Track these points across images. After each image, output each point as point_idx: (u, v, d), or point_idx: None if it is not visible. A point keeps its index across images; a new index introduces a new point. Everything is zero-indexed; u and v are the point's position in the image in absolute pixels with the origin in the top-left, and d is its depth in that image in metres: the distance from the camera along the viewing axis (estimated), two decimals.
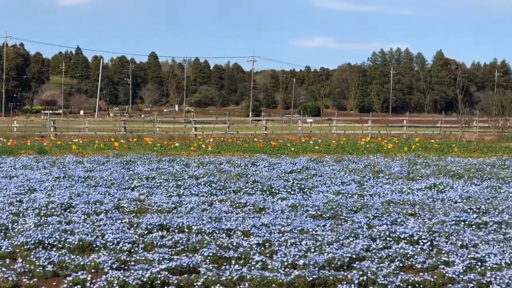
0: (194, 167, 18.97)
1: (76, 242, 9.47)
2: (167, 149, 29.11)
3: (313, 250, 9.07)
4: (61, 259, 8.63)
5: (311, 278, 7.90)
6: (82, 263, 8.51)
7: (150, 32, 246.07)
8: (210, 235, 10.13)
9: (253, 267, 8.34)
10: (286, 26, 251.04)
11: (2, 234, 10.21)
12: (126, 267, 8.42)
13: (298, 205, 12.33)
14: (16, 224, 10.82)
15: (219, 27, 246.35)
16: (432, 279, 7.91)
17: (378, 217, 11.35)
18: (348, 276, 8.00)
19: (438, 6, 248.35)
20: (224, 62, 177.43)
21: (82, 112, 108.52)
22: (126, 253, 9.12)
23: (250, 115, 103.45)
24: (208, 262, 8.62)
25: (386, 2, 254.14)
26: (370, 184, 15.80)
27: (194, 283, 7.82)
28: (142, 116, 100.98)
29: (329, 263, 8.50)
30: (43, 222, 10.97)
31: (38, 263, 8.50)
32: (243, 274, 7.99)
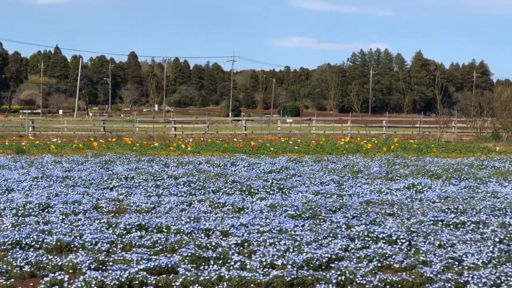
0: (173, 167, 18.94)
1: (54, 243, 9.43)
2: (147, 149, 29.04)
3: (291, 250, 9.08)
4: (38, 260, 8.59)
5: (290, 278, 7.91)
6: (59, 264, 8.47)
7: (129, 31, 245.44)
8: (189, 235, 10.12)
9: (231, 267, 8.34)
10: (266, 26, 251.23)
11: None
12: (104, 267, 8.40)
13: (277, 205, 12.34)
14: None
15: (199, 27, 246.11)
16: (410, 279, 7.95)
17: (357, 217, 11.38)
18: (326, 276, 8.02)
19: (417, 7, 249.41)
20: (204, 62, 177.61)
21: (61, 111, 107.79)
22: (105, 253, 9.10)
23: (230, 115, 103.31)
24: (186, 262, 8.61)
25: (365, 2, 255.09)
26: (349, 184, 15.84)
27: (173, 283, 7.81)
28: (122, 116, 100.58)
29: (307, 263, 8.52)
30: (21, 222, 10.92)
31: (15, 264, 8.45)
32: (222, 274, 7.99)
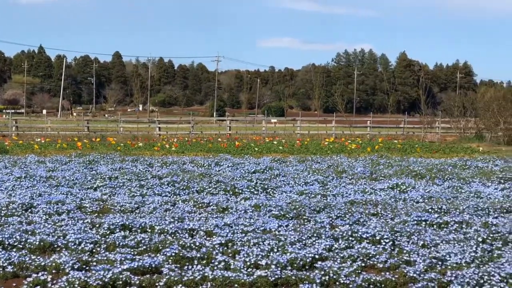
0: (157, 167, 18.91)
1: (37, 243, 9.39)
2: (131, 149, 28.96)
3: (275, 250, 9.09)
4: (21, 260, 8.55)
5: (274, 278, 7.92)
6: (43, 264, 8.43)
7: (114, 31, 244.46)
8: (172, 235, 10.10)
9: (215, 267, 8.33)
10: (250, 26, 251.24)
11: None
12: (87, 268, 8.37)
13: (261, 205, 12.34)
14: None
15: (184, 27, 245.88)
16: (393, 279, 7.97)
17: (341, 217, 11.41)
18: (310, 276, 8.03)
19: (402, 7, 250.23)
20: (188, 62, 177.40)
21: (44, 111, 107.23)
22: (88, 253, 9.07)
23: (215, 115, 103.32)
24: (170, 262, 8.60)
25: (350, 3, 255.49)
26: (333, 184, 15.87)
27: (156, 283, 7.79)
28: (106, 115, 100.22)
29: (291, 263, 8.52)
30: (3, 222, 10.86)
31: None
32: (206, 274, 7.99)
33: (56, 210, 11.82)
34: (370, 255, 8.93)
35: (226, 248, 9.40)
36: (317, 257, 8.81)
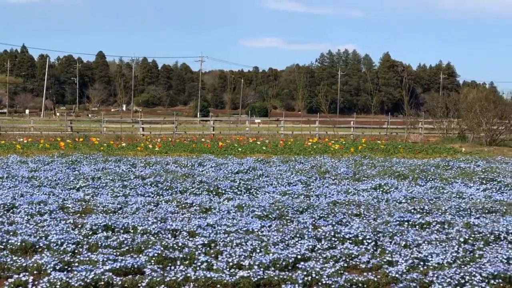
0: (140, 167, 18.86)
1: (18, 243, 9.34)
2: (114, 149, 28.89)
3: (258, 251, 9.09)
4: (2, 261, 8.50)
5: (256, 279, 7.92)
6: (24, 265, 8.39)
7: (97, 31, 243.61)
8: (155, 236, 10.08)
9: (198, 268, 8.33)
10: (234, 26, 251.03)
11: None
12: (69, 268, 8.33)
13: (244, 205, 12.34)
14: None
15: (168, 27, 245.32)
16: (375, 279, 7.99)
17: (324, 217, 11.42)
18: (292, 276, 8.04)
19: (385, 8, 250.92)
20: (172, 62, 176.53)
21: (27, 111, 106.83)
22: (70, 254, 9.02)
23: (198, 116, 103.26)
24: (153, 263, 8.58)
25: (334, 3, 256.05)
26: (316, 184, 15.89)
27: (139, 284, 7.78)
28: (89, 115, 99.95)
29: (274, 264, 8.53)
30: None
31: None
32: (188, 275, 7.98)
33: (38, 210, 11.76)
34: (353, 256, 8.96)
35: (209, 248, 9.38)
36: (299, 257, 8.82)
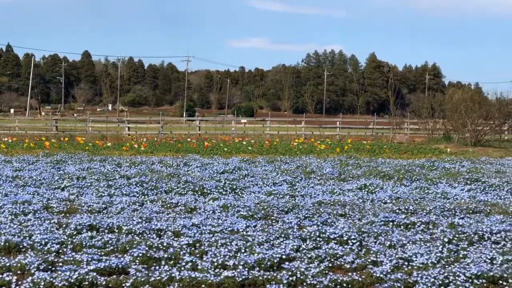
0: (125, 167, 18.82)
1: (2, 243, 9.29)
2: (99, 148, 28.82)
3: (243, 251, 9.09)
4: None
5: (241, 279, 7.92)
6: (7, 265, 8.34)
7: (83, 30, 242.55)
8: (140, 236, 10.05)
9: (183, 268, 8.31)
10: (221, 26, 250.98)
11: None
12: (53, 268, 8.29)
13: (229, 205, 12.33)
14: None
15: (154, 27, 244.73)
16: (360, 279, 8.01)
17: (309, 217, 11.43)
18: (277, 276, 8.04)
19: (371, 9, 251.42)
20: (158, 61, 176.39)
21: (12, 110, 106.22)
22: (54, 254, 8.98)
23: (184, 115, 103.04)
24: (137, 263, 8.56)
25: (320, 3, 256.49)
26: (301, 185, 15.89)
27: (123, 284, 7.75)
28: (75, 115, 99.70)
29: (259, 264, 8.52)
30: None
31: None
32: (173, 275, 7.96)
33: (22, 210, 11.71)
34: (338, 256, 8.96)
35: (193, 248, 9.37)
36: (284, 257, 8.82)
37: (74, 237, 9.86)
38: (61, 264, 8.41)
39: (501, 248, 9.27)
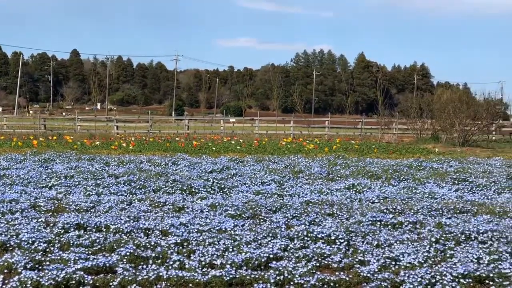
0: (114, 166, 18.78)
1: None
2: (87, 147, 28.77)
3: (231, 250, 9.08)
4: None
5: (228, 278, 7.92)
6: None
7: (71, 29, 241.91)
8: (128, 235, 10.03)
9: (170, 267, 8.30)
10: (210, 25, 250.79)
11: None
12: (40, 267, 8.27)
13: (217, 204, 12.31)
14: None
15: (143, 26, 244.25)
16: (347, 278, 8.02)
17: (297, 217, 11.43)
18: (265, 275, 8.04)
19: (361, 8, 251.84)
20: (147, 60, 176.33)
21: (0, 109, 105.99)
22: (41, 252, 8.95)
23: (173, 115, 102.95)
24: (125, 262, 8.54)
25: (309, 3, 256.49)
26: (290, 184, 15.90)
27: (110, 283, 7.74)
28: (63, 114, 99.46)
29: (246, 263, 8.53)
30: None
31: None
32: (160, 274, 7.95)
33: (9, 209, 11.65)
34: (325, 255, 8.97)
35: (181, 247, 9.36)
36: (272, 257, 8.83)
37: (61, 236, 9.84)
38: (48, 263, 8.40)
39: (487, 248, 9.30)
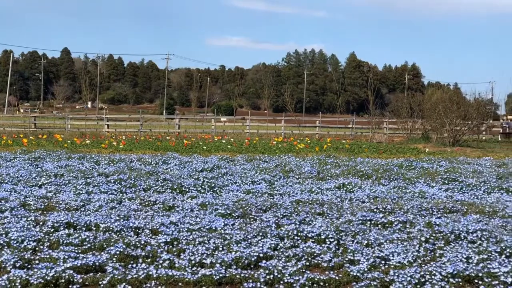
0: (104, 165, 18.74)
1: None
2: (78, 146, 28.70)
3: (221, 249, 9.08)
4: None
5: (218, 277, 7.92)
6: None
7: (62, 27, 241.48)
8: (118, 233, 10.02)
9: (160, 266, 8.30)
10: (201, 24, 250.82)
11: None
12: (30, 266, 8.25)
13: (207, 203, 12.31)
14: None
15: (134, 24, 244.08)
16: (337, 278, 8.02)
17: (287, 216, 11.43)
18: (254, 274, 8.04)
19: (352, 8, 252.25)
20: (138, 59, 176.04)
21: None
22: (31, 251, 8.94)
23: (164, 113, 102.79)
24: (115, 261, 8.52)
25: (301, 3, 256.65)
26: (280, 183, 15.90)
27: (100, 282, 7.73)
28: (54, 112, 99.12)
29: (236, 262, 8.53)
30: None
31: None
32: (150, 273, 7.94)
33: None
34: (315, 254, 8.98)
35: (171, 246, 9.36)
36: (262, 256, 8.83)
37: (51, 234, 9.82)
38: (37, 261, 8.38)
39: (477, 247, 9.32)
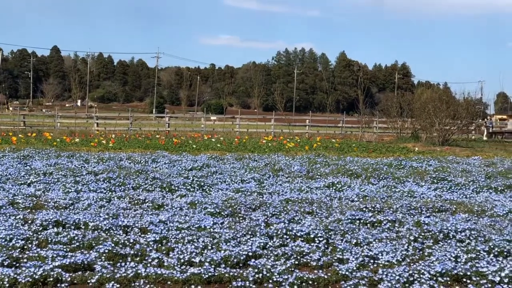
0: (93, 163, 18.69)
1: None
2: (67, 144, 28.62)
3: (210, 248, 9.07)
4: None
5: (207, 276, 7.91)
6: None
7: (52, 25, 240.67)
8: (106, 232, 10.01)
9: (149, 264, 8.29)
10: (191, 23, 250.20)
11: None
12: (18, 264, 8.22)
13: (197, 202, 12.31)
14: None
15: (124, 22, 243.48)
16: (326, 276, 8.03)
17: (276, 215, 11.43)
18: (243, 273, 8.04)
19: (342, 8, 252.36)
20: (128, 58, 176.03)
21: None
22: (19, 250, 8.90)
23: (154, 112, 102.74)
24: (103, 259, 8.51)
25: (291, 2, 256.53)
26: (269, 182, 15.91)
27: (88, 280, 7.72)
28: (43, 110, 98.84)
29: (225, 261, 8.52)
30: None
31: None
32: (139, 271, 7.93)
33: None
34: (304, 253, 8.98)
35: (160, 245, 9.35)
36: (251, 254, 8.82)
37: (39, 233, 9.80)
38: (25, 260, 8.35)
39: (465, 246, 9.35)
